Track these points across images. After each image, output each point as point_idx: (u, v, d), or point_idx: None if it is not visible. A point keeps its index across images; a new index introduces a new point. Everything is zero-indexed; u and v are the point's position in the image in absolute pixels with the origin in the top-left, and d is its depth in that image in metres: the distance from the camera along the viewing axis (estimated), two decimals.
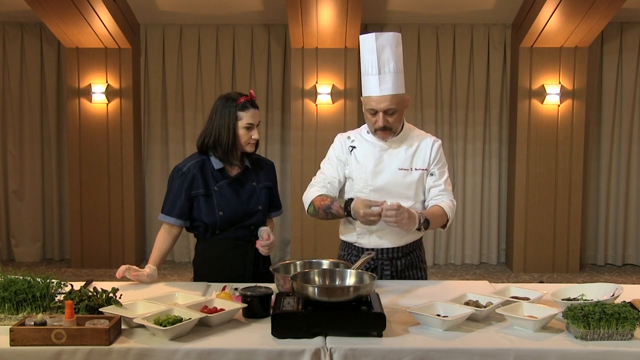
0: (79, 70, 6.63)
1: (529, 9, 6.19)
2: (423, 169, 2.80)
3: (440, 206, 2.76)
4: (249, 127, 2.75)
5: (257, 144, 2.85)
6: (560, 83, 6.57)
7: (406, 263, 2.83)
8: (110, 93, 6.65)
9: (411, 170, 2.78)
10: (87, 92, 6.64)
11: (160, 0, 6.47)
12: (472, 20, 6.84)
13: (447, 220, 2.80)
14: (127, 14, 6.48)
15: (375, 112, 2.71)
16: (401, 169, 2.77)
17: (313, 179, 2.93)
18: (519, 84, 6.61)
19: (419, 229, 2.68)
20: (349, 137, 2.87)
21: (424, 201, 2.84)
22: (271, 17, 6.78)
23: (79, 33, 6.25)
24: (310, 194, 2.84)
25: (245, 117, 2.74)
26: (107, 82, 6.64)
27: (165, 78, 7.08)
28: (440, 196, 2.80)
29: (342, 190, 2.89)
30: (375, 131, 2.76)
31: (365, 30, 6.86)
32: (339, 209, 2.70)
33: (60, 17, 5.91)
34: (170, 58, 7.04)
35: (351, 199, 2.68)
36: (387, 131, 2.74)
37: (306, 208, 2.85)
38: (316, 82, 6.57)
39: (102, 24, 6.07)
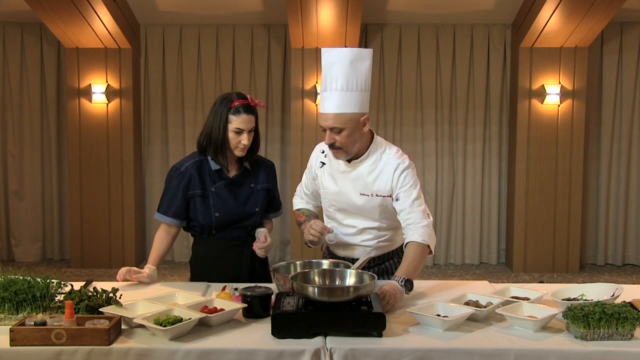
0: (79, 70, 6.64)
1: (529, 9, 6.19)
2: (384, 196, 2.67)
3: (412, 242, 2.56)
4: (238, 132, 2.70)
5: (257, 147, 2.83)
6: (560, 83, 6.57)
7: (379, 271, 2.80)
8: (110, 93, 6.65)
9: (372, 196, 2.69)
10: (87, 92, 6.64)
11: (160, 0, 6.47)
12: (472, 20, 6.84)
13: (429, 247, 2.60)
14: (127, 14, 6.48)
15: (324, 129, 2.64)
16: (362, 194, 2.70)
17: (299, 186, 3.02)
18: (519, 84, 6.61)
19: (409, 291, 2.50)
20: (322, 152, 2.83)
21: (389, 220, 2.74)
22: (271, 17, 6.78)
23: (79, 33, 6.25)
24: (295, 203, 3.03)
25: (235, 121, 2.69)
26: (107, 82, 6.64)
27: (165, 78, 7.08)
28: (408, 221, 2.61)
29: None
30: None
31: (365, 30, 6.87)
32: (303, 231, 2.80)
33: (60, 17, 5.91)
34: (170, 58, 7.04)
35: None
36: (338, 150, 2.63)
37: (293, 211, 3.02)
38: (316, 82, 6.57)
39: (102, 24, 6.07)
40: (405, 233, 2.63)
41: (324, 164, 2.80)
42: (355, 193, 2.70)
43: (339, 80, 2.56)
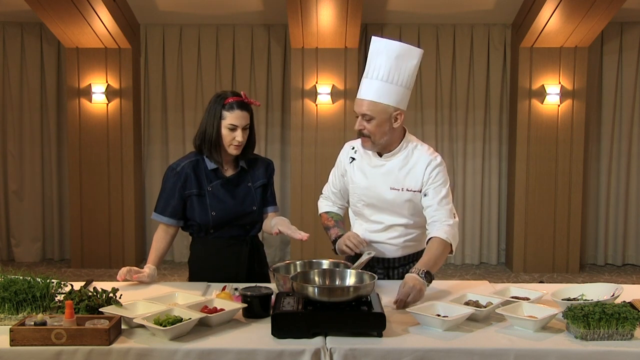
0: (79, 70, 6.64)
1: (529, 9, 6.19)
2: (414, 191, 2.69)
3: (436, 237, 2.59)
4: (232, 129, 2.70)
5: (253, 146, 2.82)
6: (560, 83, 6.57)
7: (403, 272, 2.78)
8: (110, 93, 6.65)
9: (402, 190, 2.70)
10: (87, 92, 6.64)
11: (160, 0, 6.47)
12: (472, 20, 6.84)
13: (451, 246, 2.63)
14: (127, 14, 6.48)
15: (357, 115, 2.69)
16: (392, 189, 2.71)
17: (325, 186, 3.02)
18: (519, 84, 6.61)
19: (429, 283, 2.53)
20: (352, 148, 2.85)
21: (417, 216, 2.75)
22: (271, 17, 6.78)
23: (79, 33, 6.25)
24: (321, 206, 3.00)
25: (229, 118, 2.69)
26: (107, 82, 6.64)
27: (165, 78, 7.08)
28: (434, 218, 2.64)
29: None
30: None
31: (365, 30, 6.86)
32: (331, 236, 2.84)
33: (60, 17, 5.91)
34: (170, 58, 7.04)
35: (339, 237, 2.77)
36: (366, 138, 2.67)
37: (319, 214, 3.01)
38: (316, 82, 6.57)
39: (102, 24, 6.07)
40: (429, 229, 2.67)
41: (353, 159, 2.82)
42: (386, 187, 2.72)
43: (381, 70, 2.61)
